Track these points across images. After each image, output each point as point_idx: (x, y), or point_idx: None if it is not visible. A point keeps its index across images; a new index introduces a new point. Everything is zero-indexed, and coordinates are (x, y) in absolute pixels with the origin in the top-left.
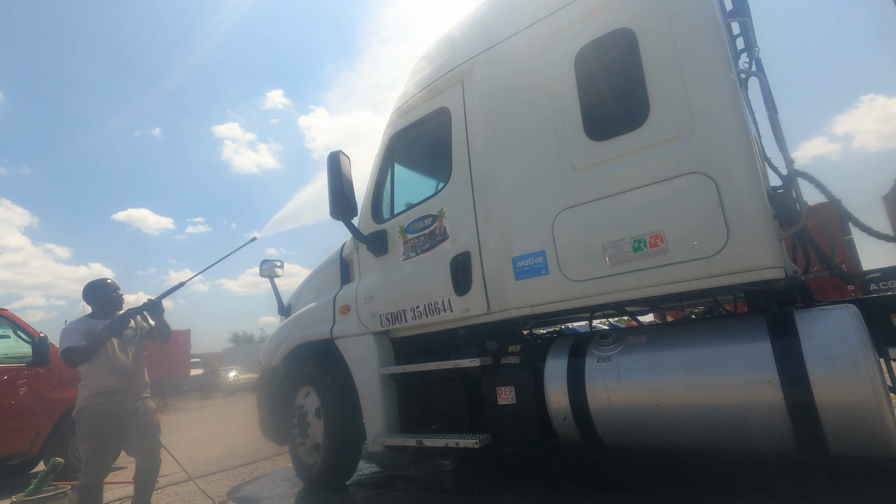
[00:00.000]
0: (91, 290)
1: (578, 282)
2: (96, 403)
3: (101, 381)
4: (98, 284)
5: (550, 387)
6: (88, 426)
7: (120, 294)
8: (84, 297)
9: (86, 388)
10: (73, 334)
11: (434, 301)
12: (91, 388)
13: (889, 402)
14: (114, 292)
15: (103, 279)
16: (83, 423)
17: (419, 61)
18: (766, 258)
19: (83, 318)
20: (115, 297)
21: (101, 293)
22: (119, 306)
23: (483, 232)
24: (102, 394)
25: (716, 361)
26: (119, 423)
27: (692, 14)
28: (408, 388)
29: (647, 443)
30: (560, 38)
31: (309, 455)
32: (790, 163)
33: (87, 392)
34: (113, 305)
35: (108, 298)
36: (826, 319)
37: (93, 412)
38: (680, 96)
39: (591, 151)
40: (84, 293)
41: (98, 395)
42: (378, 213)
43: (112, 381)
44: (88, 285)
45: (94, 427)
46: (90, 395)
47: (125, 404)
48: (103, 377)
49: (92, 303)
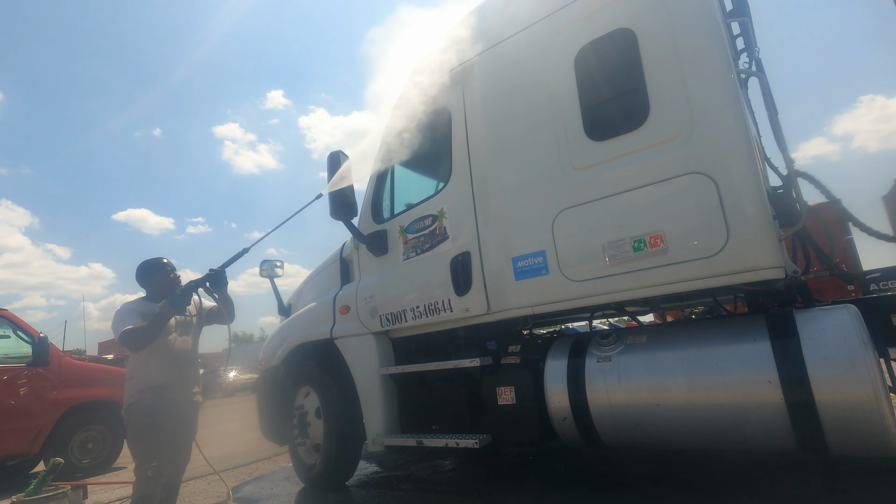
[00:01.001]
0: (147, 270)
1: (578, 282)
2: (146, 399)
3: (151, 373)
4: (154, 264)
5: (550, 387)
6: (138, 423)
7: (178, 275)
8: (138, 279)
9: (134, 383)
10: (131, 315)
11: (434, 301)
12: (140, 383)
13: (889, 402)
14: (171, 273)
15: (159, 259)
16: (132, 422)
17: (419, 61)
18: (766, 258)
19: (139, 301)
20: (174, 279)
21: (159, 274)
22: (175, 289)
23: (483, 232)
24: (153, 389)
25: (716, 361)
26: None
27: (692, 14)
28: (408, 388)
29: (647, 443)
30: (560, 38)
31: (309, 455)
32: (790, 163)
33: (135, 387)
34: (170, 287)
35: (166, 280)
36: (826, 319)
37: (144, 407)
38: (680, 96)
39: (591, 151)
40: (138, 274)
41: (148, 391)
42: (378, 213)
43: (165, 374)
44: (143, 265)
45: (146, 422)
46: (140, 391)
47: (177, 401)
48: (155, 369)
49: (147, 285)
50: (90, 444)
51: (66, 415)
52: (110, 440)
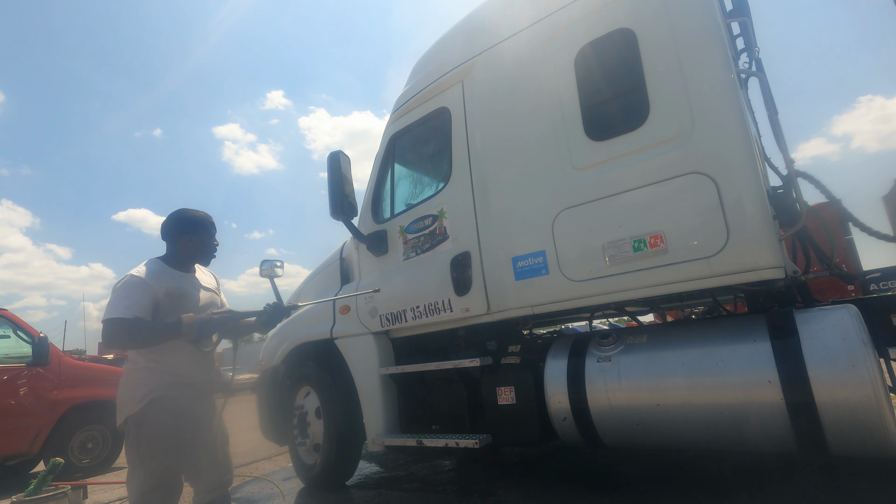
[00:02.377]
0: (185, 223)
1: (578, 282)
2: (172, 395)
3: (181, 366)
4: (197, 219)
5: (550, 387)
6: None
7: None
8: (168, 231)
9: (155, 375)
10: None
11: (434, 301)
12: (164, 375)
13: (889, 402)
14: (214, 238)
15: (205, 214)
16: (151, 426)
17: (419, 61)
18: (766, 258)
19: (156, 264)
20: (213, 247)
21: (200, 232)
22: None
23: (483, 232)
24: (181, 385)
25: (716, 361)
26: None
27: (692, 14)
28: (408, 388)
29: (647, 443)
30: (560, 38)
31: (309, 455)
32: (790, 163)
33: (157, 379)
34: (206, 254)
35: (204, 245)
36: (826, 319)
37: (169, 407)
38: (680, 96)
39: (591, 151)
40: (171, 225)
41: (173, 386)
42: (378, 213)
43: (196, 371)
44: (182, 216)
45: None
46: (165, 385)
47: (204, 400)
48: (185, 361)
49: (177, 241)
50: (90, 444)
51: (66, 415)
52: (110, 440)
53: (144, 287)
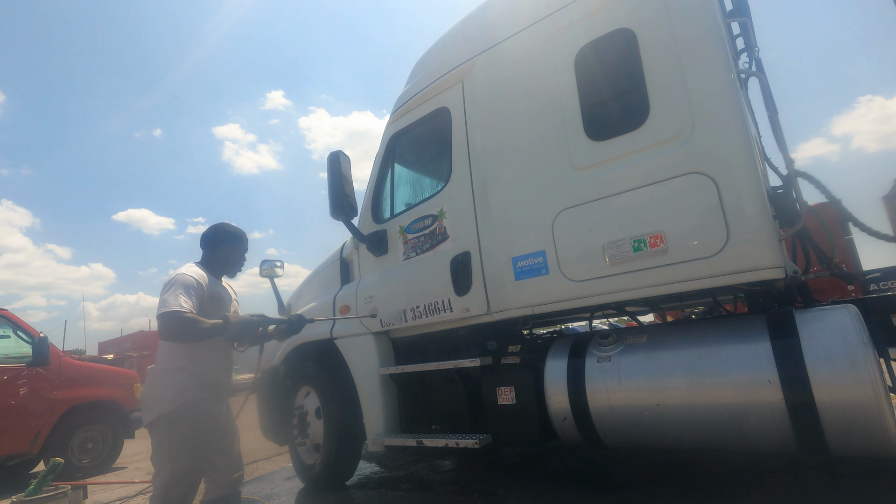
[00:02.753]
0: (227, 236)
1: (578, 282)
2: (204, 398)
3: (210, 369)
4: (238, 234)
5: (550, 387)
6: (190, 430)
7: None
8: (209, 241)
9: (187, 376)
10: (193, 292)
11: (434, 301)
12: (196, 377)
13: (889, 402)
14: (246, 252)
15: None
16: (182, 426)
17: (419, 61)
18: (766, 258)
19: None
20: (243, 260)
21: (238, 247)
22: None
23: (483, 232)
24: (211, 388)
25: (716, 361)
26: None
27: (692, 14)
28: (408, 388)
29: (647, 443)
30: (560, 38)
31: (309, 455)
32: (790, 163)
33: (189, 381)
34: (236, 266)
35: (239, 257)
36: (826, 319)
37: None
38: (680, 96)
39: (591, 151)
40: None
41: (204, 388)
42: (378, 213)
43: (222, 374)
44: (225, 230)
45: (199, 432)
46: (197, 387)
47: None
48: (214, 364)
49: (217, 251)
50: (90, 444)
51: (66, 415)
52: (110, 440)
53: (197, 287)
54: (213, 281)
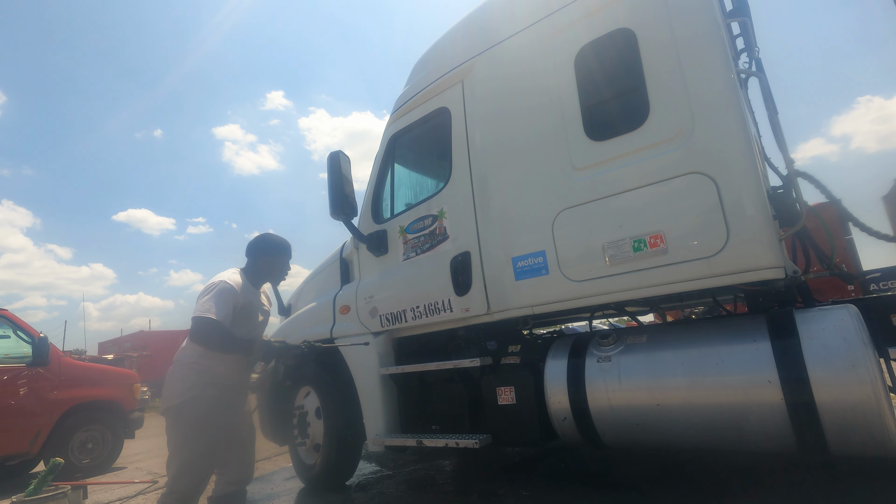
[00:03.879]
0: (272, 247)
1: (578, 282)
2: (210, 396)
3: (222, 367)
4: (283, 245)
5: (550, 387)
6: (194, 425)
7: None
8: (254, 250)
9: (197, 373)
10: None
11: (434, 301)
12: (205, 374)
13: (889, 402)
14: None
15: (287, 242)
16: (186, 420)
17: (419, 61)
18: (766, 258)
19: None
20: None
21: (281, 257)
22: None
23: (483, 232)
24: (220, 387)
25: (716, 361)
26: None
27: (692, 14)
28: (408, 388)
29: (647, 443)
30: (560, 38)
31: (309, 455)
32: (790, 163)
33: (198, 378)
34: (278, 276)
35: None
36: (826, 319)
37: (207, 405)
38: (680, 96)
39: (591, 151)
40: (260, 246)
41: (214, 388)
42: (378, 213)
43: (235, 373)
44: (271, 240)
45: (202, 427)
46: (205, 385)
47: (239, 401)
48: (227, 363)
49: (260, 259)
50: (90, 444)
51: (66, 415)
52: (110, 440)
53: (234, 296)
54: (248, 290)
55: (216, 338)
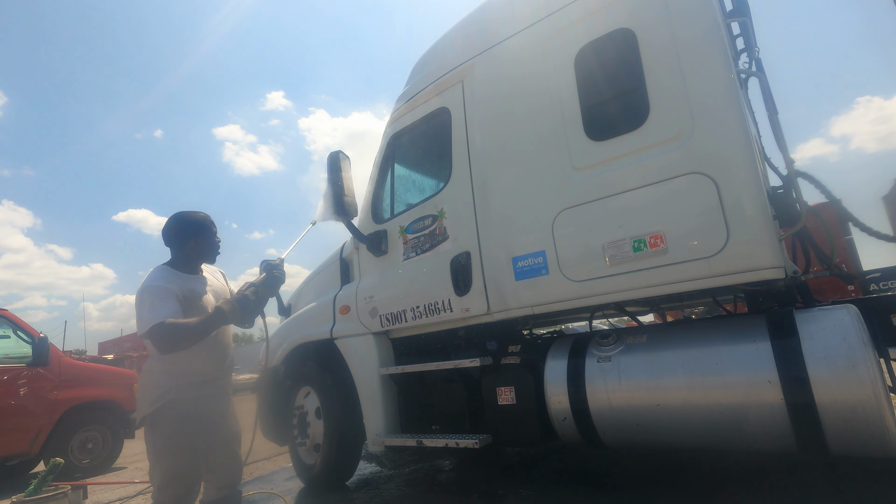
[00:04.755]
0: (188, 226)
1: (578, 282)
2: (187, 398)
3: (194, 364)
4: (200, 221)
5: (550, 387)
6: (173, 432)
7: (220, 240)
8: (170, 236)
9: (169, 377)
10: (167, 298)
11: (434, 301)
12: (178, 376)
13: (889, 402)
14: (216, 235)
15: (204, 215)
16: (164, 427)
17: (419, 61)
18: (766, 258)
19: (166, 271)
20: (217, 244)
21: (203, 234)
22: (215, 256)
23: (483, 232)
24: (196, 386)
25: (716, 361)
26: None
27: (692, 14)
28: (408, 388)
29: (647, 443)
30: (560, 38)
31: (309, 455)
32: (790, 163)
33: (171, 381)
34: (211, 253)
35: (210, 244)
36: (826, 319)
37: (184, 409)
38: (680, 96)
39: (591, 151)
40: (172, 230)
41: (190, 388)
42: (378, 213)
43: (211, 366)
44: (183, 220)
45: (185, 432)
46: (179, 387)
47: (220, 399)
48: (199, 358)
49: (182, 246)
50: (90, 444)
51: (66, 415)
52: (110, 440)
53: (168, 292)
54: (183, 278)
55: (182, 334)
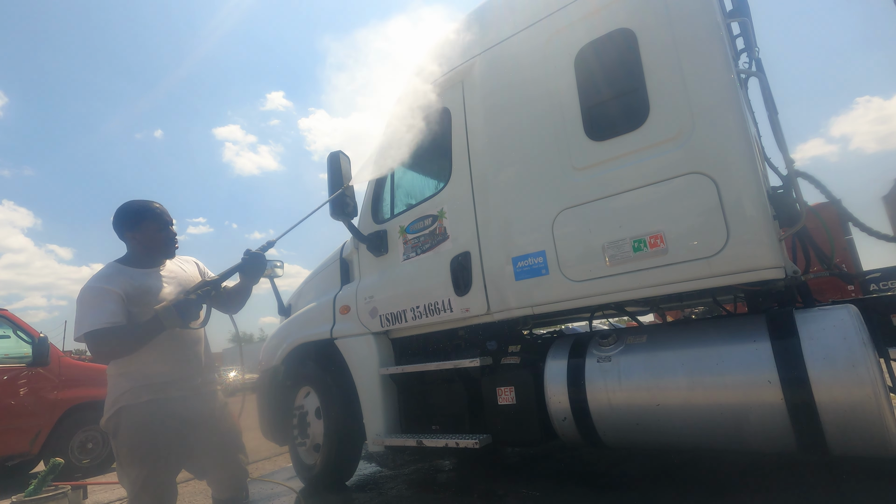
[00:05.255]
0: (127, 217)
1: (578, 282)
2: (143, 402)
3: (151, 365)
4: (143, 208)
5: (550, 387)
6: (133, 439)
7: (174, 232)
8: (116, 229)
9: (125, 379)
10: (105, 300)
11: (434, 301)
12: (133, 379)
13: (889, 402)
14: (169, 225)
15: (149, 202)
16: (124, 435)
17: (419, 62)
18: (766, 258)
19: (112, 267)
20: (170, 235)
21: (148, 223)
22: (172, 250)
23: (483, 232)
24: (153, 388)
25: (716, 361)
26: (180, 429)
27: (692, 14)
28: (408, 388)
29: (647, 443)
30: (560, 38)
31: (309, 455)
32: (790, 163)
33: (126, 384)
34: (163, 247)
35: (158, 235)
36: (826, 319)
37: (139, 416)
38: (680, 96)
39: (591, 151)
40: (117, 222)
41: (146, 390)
42: (378, 213)
43: (172, 367)
44: (126, 209)
45: (143, 440)
46: (132, 390)
47: (189, 400)
48: (156, 359)
49: (128, 238)
50: (90, 444)
51: (66, 415)
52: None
53: (107, 294)
54: (132, 274)
55: (116, 343)
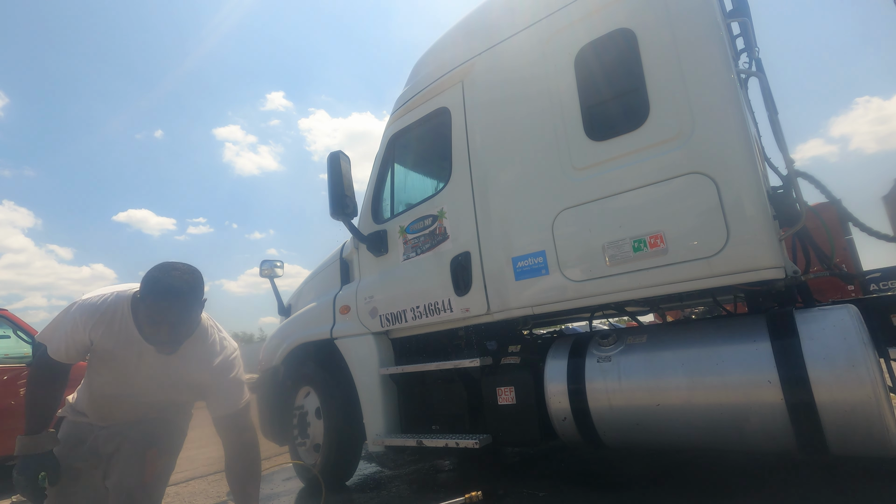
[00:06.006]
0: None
1: (578, 282)
2: (69, 420)
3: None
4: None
5: (550, 387)
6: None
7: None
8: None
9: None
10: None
11: (434, 301)
12: (80, 393)
13: (889, 402)
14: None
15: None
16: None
17: (419, 61)
18: (766, 258)
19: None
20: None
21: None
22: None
23: (483, 232)
24: (77, 413)
25: (716, 361)
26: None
27: (692, 14)
28: (408, 388)
29: (647, 443)
30: (560, 38)
31: (309, 455)
32: (790, 163)
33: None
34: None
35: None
36: (826, 319)
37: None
38: (680, 96)
39: (591, 151)
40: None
41: (72, 413)
42: (378, 213)
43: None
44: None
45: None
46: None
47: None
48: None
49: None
50: None
51: None
52: None
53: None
54: (119, 330)
55: (31, 377)
